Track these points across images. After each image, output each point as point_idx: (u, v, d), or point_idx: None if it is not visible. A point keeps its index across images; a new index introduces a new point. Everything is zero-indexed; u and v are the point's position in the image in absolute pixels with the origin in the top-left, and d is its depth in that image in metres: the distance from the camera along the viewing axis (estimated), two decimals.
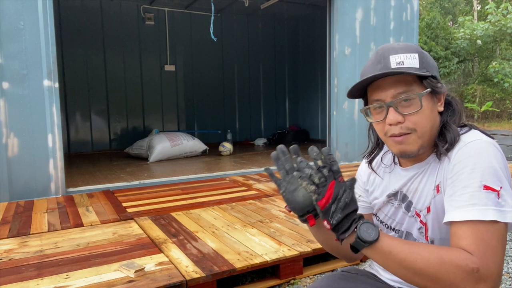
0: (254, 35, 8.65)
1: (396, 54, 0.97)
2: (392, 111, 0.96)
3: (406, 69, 0.95)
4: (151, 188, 4.08)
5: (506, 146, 8.29)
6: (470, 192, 0.87)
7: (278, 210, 3.17)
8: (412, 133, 0.97)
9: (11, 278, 1.95)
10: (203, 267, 2.03)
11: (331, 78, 5.33)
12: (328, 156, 0.90)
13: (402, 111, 0.96)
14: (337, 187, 0.87)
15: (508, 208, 0.86)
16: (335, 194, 0.86)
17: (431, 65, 0.99)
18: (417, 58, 0.97)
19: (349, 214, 0.87)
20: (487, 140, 0.94)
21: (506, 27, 14.80)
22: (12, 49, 3.55)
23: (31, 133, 3.66)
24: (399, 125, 0.97)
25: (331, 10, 5.28)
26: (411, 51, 0.97)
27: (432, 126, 0.99)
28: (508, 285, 2.21)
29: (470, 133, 0.98)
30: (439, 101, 1.01)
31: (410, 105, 0.96)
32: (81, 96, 7.13)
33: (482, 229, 0.84)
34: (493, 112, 15.12)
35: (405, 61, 0.96)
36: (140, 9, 7.37)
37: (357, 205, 0.89)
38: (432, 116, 0.99)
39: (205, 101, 8.23)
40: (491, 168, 0.88)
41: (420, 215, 1.05)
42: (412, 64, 0.96)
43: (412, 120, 0.96)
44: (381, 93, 0.98)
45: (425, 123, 0.97)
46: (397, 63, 0.95)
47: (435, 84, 0.97)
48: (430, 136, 0.99)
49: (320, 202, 0.87)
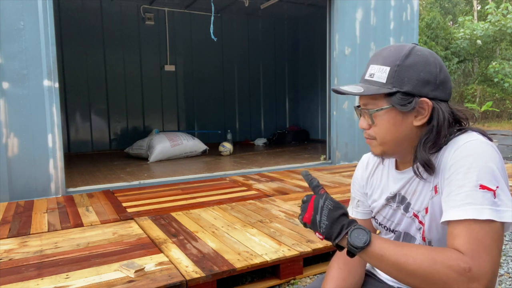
0: (254, 35, 8.65)
1: (374, 64, 1.01)
2: (361, 117, 1.06)
3: (372, 83, 1.00)
4: (151, 188, 4.08)
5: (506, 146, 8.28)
6: (466, 191, 0.88)
7: (278, 210, 3.17)
8: (374, 140, 1.04)
9: (11, 278, 1.95)
10: (203, 267, 2.03)
11: (331, 78, 5.33)
12: (306, 177, 0.99)
13: (366, 120, 1.04)
14: (316, 199, 0.93)
15: (504, 207, 0.86)
16: (315, 206, 0.92)
17: (406, 80, 0.97)
18: (387, 72, 0.98)
19: (337, 219, 0.90)
20: (483, 141, 0.95)
21: (506, 27, 14.80)
22: (12, 49, 3.55)
23: (31, 133, 3.66)
24: (365, 131, 1.05)
25: (331, 10, 5.28)
26: (386, 63, 0.98)
27: (399, 139, 1.01)
28: (508, 285, 2.21)
29: (466, 134, 0.98)
30: (420, 114, 0.99)
31: (368, 118, 1.03)
32: (81, 96, 7.13)
33: (477, 228, 0.84)
34: (493, 112, 15.12)
35: (376, 74, 1.00)
36: (140, 9, 7.37)
37: (344, 209, 0.93)
38: (396, 131, 1.00)
39: (205, 101, 8.24)
40: (487, 167, 0.89)
41: (419, 216, 1.06)
42: (379, 78, 0.99)
43: (373, 129, 1.03)
44: (360, 99, 1.07)
45: (384, 135, 1.02)
46: (369, 74, 1.02)
47: (399, 102, 0.97)
48: (397, 146, 1.03)
49: (305, 218, 0.92)
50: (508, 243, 2.81)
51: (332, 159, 5.41)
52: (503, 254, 2.62)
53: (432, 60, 1.00)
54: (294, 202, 3.40)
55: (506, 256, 2.59)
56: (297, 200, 3.47)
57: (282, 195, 3.67)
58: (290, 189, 3.93)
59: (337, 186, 4.02)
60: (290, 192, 3.82)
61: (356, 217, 1.24)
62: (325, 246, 2.35)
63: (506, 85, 14.75)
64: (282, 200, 3.50)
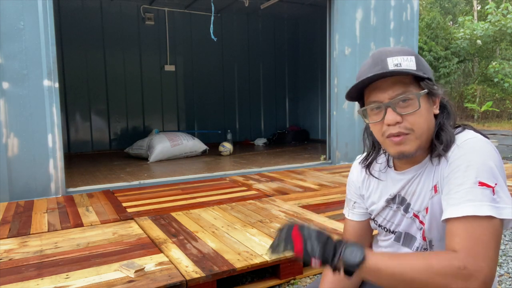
0: (254, 35, 8.65)
1: (393, 57, 0.98)
2: (390, 111, 0.97)
3: (405, 70, 0.96)
4: (151, 188, 4.08)
5: (506, 146, 8.28)
6: (466, 189, 0.88)
7: (278, 210, 3.17)
8: (410, 134, 0.97)
9: (11, 278, 1.95)
10: (203, 267, 2.03)
11: (331, 78, 5.33)
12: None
13: (400, 112, 0.97)
14: (301, 228, 0.90)
15: (503, 204, 0.86)
16: (303, 234, 0.89)
17: (426, 68, 1.01)
18: (414, 60, 0.98)
19: (327, 241, 0.89)
20: (481, 139, 0.95)
21: (506, 27, 14.79)
22: (12, 49, 3.55)
23: (31, 133, 3.66)
24: (397, 125, 0.97)
25: (331, 10, 5.28)
26: (408, 54, 0.99)
27: (429, 128, 1.00)
28: (508, 285, 2.21)
29: (464, 133, 0.99)
30: (435, 103, 1.02)
31: (408, 106, 0.97)
32: (81, 96, 7.13)
33: (475, 224, 0.85)
34: (493, 112, 15.12)
35: (403, 63, 0.97)
36: (140, 9, 7.37)
37: (326, 232, 0.91)
38: (429, 118, 1.00)
39: (205, 101, 8.24)
40: (485, 165, 0.89)
41: (419, 216, 1.06)
42: (409, 66, 0.97)
43: (410, 120, 0.97)
44: (379, 95, 0.99)
45: (423, 124, 0.98)
46: (394, 65, 0.96)
47: (431, 86, 0.98)
48: (427, 137, 1.00)
49: (296, 251, 0.88)
50: (508, 243, 2.81)
51: (332, 159, 5.41)
52: (503, 254, 2.62)
53: None
54: (294, 202, 3.40)
55: (506, 256, 2.59)
56: (297, 200, 3.47)
57: (282, 195, 3.67)
58: (290, 189, 3.93)
59: (337, 186, 4.02)
60: (290, 192, 3.82)
61: (353, 219, 1.24)
62: None
63: (506, 85, 14.75)
64: (282, 200, 3.50)
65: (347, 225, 1.26)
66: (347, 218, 1.26)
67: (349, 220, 1.25)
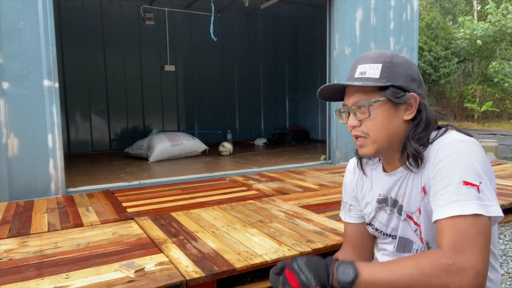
0: (254, 35, 8.64)
1: (362, 64, 1.04)
2: (350, 115, 1.07)
3: (365, 80, 1.02)
4: (151, 188, 4.08)
5: (506, 146, 8.29)
6: (451, 189, 0.91)
7: (278, 210, 3.17)
8: (367, 138, 1.05)
9: (11, 278, 1.94)
10: (203, 267, 2.03)
11: (331, 78, 5.33)
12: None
13: (358, 117, 1.04)
14: (290, 266, 0.90)
15: (489, 202, 0.89)
16: (294, 271, 0.89)
17: (397, 75, 1.02)
18: (380, 68, 1.02)
19: (318, 265, 0.89)
20: (464, 139, 0.98)
21: (506, 27, 14.80)
22: (12, 49, 3.55)
23: (31, 133, 3.66)
24: (356, 129, 1.06)
25: (331, 10, 5.28)
26: (377, 61, 1.03)
27: (390, 134, 1.03)
28: (508, 285, 2.21)
29: (447, 134, 1.02)
30: (408, 109, 1.04)
31: (364, 112, 1.03)
32: (81, 96, 7.13)
33: (461, 222, 0.87)
34: (493, 112, 15.12)
35: (367, 71, 1.03)
36: (140, 9, 7.37)
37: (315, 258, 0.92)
38: (389, 124, 1.03)
39: (205, 101, 8.24)
40: (469, 165, 0.92)
41: (413, 217, 1.08)
42: (372, 75, 1.02)
43: (366, 125, 1.04)
44: (347, 99, 1.08)
45: (378, 130, 1.03)
46: (360, 73, 1.04)
47: (393, 94, 1.01)
48: (389, 142, 1.04)
49: (293, 286, 0.88)
50: (508, 243, 2.81)
51: (332, 159, 5.41)
52: (503, 254, 2.62)
53: (411, 62, 1.07)
54: (294, 202, 3.40)
55: (506, 256, 2.59)
56: (297, 200, 3.47)
57: (282, 195, 3.67)
58: (290, 189, 3.93)
59: (337, 186, 4.02)
60: (290, 192, 3.82)
61: (350, 221, 1.25)
62: (325, 246, 2.35)
63: (506, 85, 14.75)
64: (282, 200, 3.50)
65: (346, 229, 1.27)
66: (345, 221, 1.27)
67: (348, 224, 1.26)
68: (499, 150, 6.79)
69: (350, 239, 1.25)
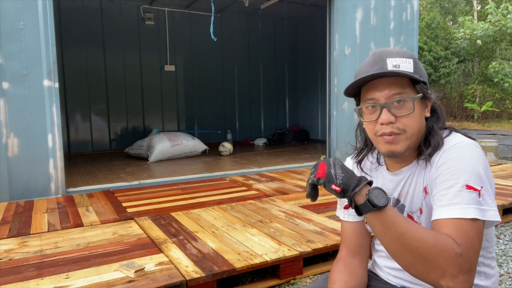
0: (254, 35, 8.65)
1: (393, 58, 1.01)
2: (385, 111, 1.01)
3: (403, 72, 0.99)
4: (151, 188, 4.08)
5: (506, 146, 8.28)
6: (454, 192, 0.93)
7: (278, 210, 3.17)
8: (402, 134, 1.02)
9: (11, 278, 1.95)
10: (203, 267, 2.03)
11: (331, 78, 5.33)
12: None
13: (394, 113, 1.01)
14: (327, 160, 0.96)
15: (487, 206, 0.92)
16: (327, 163, 0.94)
17: (423, 72, 1.04)
18: (412, 63, 1.01)
19: (352, 174, 0.93)
20: (469, 142, 0.99)
21: (506, 27, 14.80)
22: (12, 49, 3.55)
23: (31, 133, 3.66)
24: (391, 125, 1.01)
25: (331, 10, 5.28)
26: (407, 56, 1.02)
27: (420, 130, 1.04)
28: (508, 285, 2.21)
29: (452, 136, 1.03)
30: (427, 107, 1.06)
31: (403, 107, 1.01)
32: (81, 96, 7.13)
33: (463, 223, 0.90)
34: (493, 112, 15.12)
35: (401, 65, 1.00)
36: (140, 9, 7.37)
37: (353, 171, 0.95)
38: (420, 120, 1.03)
39: (205, 101, 8.24)
40: (474, 169, 0.94)
41: (413, 216, 1.09)
42: (407, 69, 1.00)
43: (403, 121, 1.01)
44: (376, 93, 1.02)
45: (414, 126, 1.02)
46: (393, 65, 1.00)
47: (426, 90, 1.02)
48: (417, 139, 1.04)
49: (318, 174, 0.92)
50: (508, 243, 2.81)
51: None
52: (503, 254, 2.62)
53: None
54: (294, 202, 3.40)
55: (506, 256, 2.59)
56: (297, 200, 3.47)
57: (282, 195, 3.67)
58: (290, 189, 3.93)
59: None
60: (290, 192, 3.82)
61: (348, 220, 1.24)
62: (325, 246, 2.35)
63: (506, 85, 14.75)
64: (282, 200, 3.50)
65: (344, 227, 1.25)
66: (342, 220, 1.25)
67: (346, 222, 1.24)
68: (499, 150, 6.79)
69: (348, 237, 1.24)
